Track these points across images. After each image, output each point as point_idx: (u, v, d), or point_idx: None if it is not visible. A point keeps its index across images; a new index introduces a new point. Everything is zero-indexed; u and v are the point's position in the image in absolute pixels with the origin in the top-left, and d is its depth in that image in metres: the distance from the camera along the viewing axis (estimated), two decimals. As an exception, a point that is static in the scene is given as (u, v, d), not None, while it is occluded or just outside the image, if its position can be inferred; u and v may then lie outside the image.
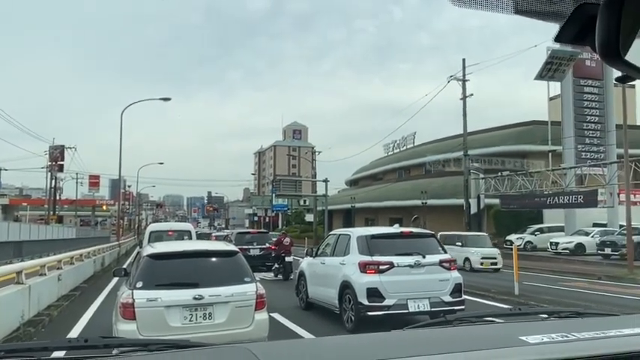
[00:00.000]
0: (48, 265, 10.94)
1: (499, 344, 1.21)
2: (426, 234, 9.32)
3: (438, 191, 40.08)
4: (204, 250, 6.38)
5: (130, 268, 6.66)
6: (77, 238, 37.56)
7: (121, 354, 1.38)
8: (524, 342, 1.21)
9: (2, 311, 7.00)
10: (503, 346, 1.19)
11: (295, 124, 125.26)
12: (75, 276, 13.97)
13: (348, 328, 7.98)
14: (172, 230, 16.37)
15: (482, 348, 1.17)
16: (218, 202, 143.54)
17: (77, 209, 64.63)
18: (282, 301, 10.67)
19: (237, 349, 1.23)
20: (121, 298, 5.43)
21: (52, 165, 48.14)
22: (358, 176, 67.81)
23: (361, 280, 7.90)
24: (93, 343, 1.40)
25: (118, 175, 32.76)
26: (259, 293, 5.78)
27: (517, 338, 1.23)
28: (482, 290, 12.55)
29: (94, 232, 56.35)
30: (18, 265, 9.26)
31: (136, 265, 6.09)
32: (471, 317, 1.71)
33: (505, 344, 1.20)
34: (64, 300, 11.24)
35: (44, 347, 1.42)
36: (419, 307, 7.84)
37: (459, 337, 1.42)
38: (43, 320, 8.77)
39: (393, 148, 59.38)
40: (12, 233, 28.32)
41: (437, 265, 8.27)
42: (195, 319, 5.44)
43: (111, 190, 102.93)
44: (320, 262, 9.80)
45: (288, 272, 16.31)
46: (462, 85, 30.17)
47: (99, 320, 8.99)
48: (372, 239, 8.47)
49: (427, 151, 50.13)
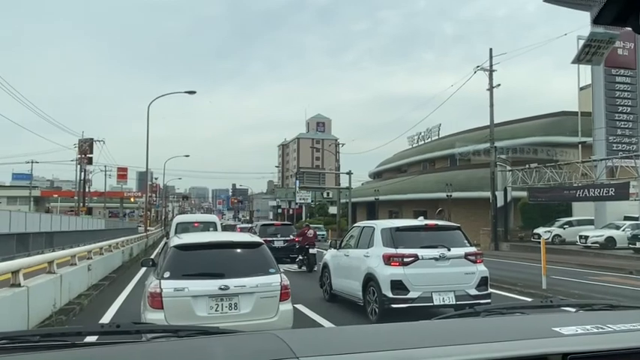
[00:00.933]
0: (78, 255, 11.22)
1: (532, 335, 1.19)
2: (451, 226, 9.22)
3: (464, 184, 39.54)
4: (230, 242, 6.44)
5: (158, 258, 6.78)
6: (106, 230, 38.46)
7: (152, 339, 1.40)
8: (558, 333, 1.18)
9: (35, 299, 7.20)
10: (537, 337, 1.16)
11: (319, 117, 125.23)
12: (104, 266, 14.30)
13: (372, 320, 7.97)
14: (198, 222, 16.61)
15: (515, 338, 1.15)
16: (242, 194, 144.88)
17: (106, 201, 66.11)
18: (306, 292, 10.73)
19: (266, 336, 1.23)
20: (149, 288, 5.53)
21: (82, 158, 49.29)
22: (382, 168, 67.44)
23: (385, 273, 7.87)
24: (125, 329, 1.43)
25: (145, 168, 33.30)
26: (284, 284, 5.81)
27: (550, 329, 1.21)
28: (509, 284, 12.37)
29: (122, 224, 57.61)
30: (50, 255, 9.53)
31: (163, 256, 6.19)
32: (501, 309, 1.69)
33: (538, 335, 1.18)
34: (94, 289, 11.52)
35: (78, 332, 1.45)
36: (444, 300, 7.78)
37: (490, 327, 1.40)
38: (74, 309, 9.00)
39: (418, 140, 58.83)
40: (44, 224, 29.19)
41: (462, 258, 8.18)
42: (221, 309, 5.50)
43: (138, 183, 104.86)
44: (344, 254, 9.80)
45: (312, 264, 16.38)
46: (488, 76, 29.65)
47: (127, 309, 9.20)
48: (397, 232, 8.42)
49: (452, 143, 49.50)
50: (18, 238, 19.99)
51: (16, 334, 1.40)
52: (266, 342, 1.20)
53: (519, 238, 31.11)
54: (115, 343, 1.33)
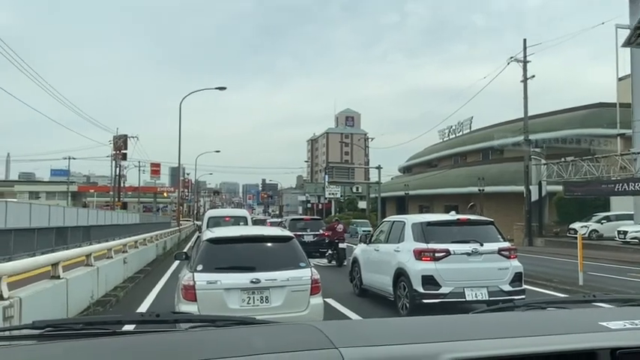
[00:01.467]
0: (114, 248, 11.52)
1: (578, 329, 1.15)
2: (484, 221, 9.06)
3: (496, 178, 38.79)
4: (261, 236, 6.50)
5: (191, 252, 6.89)
6: (140, 224, 39.33)
7: (190, 329, 1.42)
8: (605, 327, 1.14)
9: (74, 291, 7.44)
10: (583, 332, 1.12)
11: (348, 111, 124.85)
12: (139, 259, 14.65)
13: (403, 316, 7.91)
14: (229, 216, 16.82)
15: (560, 332, 1.11)
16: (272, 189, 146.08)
17: (140, 196, 67.66)
18: (336, 286, 10.74)
19: (304, 327, 1.23)
20: (183, 281, 5.63)
21: (116, 154, 50.57)
22: (412, 163, 66.80)
23: (416, 268, 7.80)
24: (164, 318, 1.46)
25: (178, 164, 33.94)
26: (314, 278, 5.83)
27: (596, 324, 1.17)
28: (544, 280, 12.09)
29: (155, 218, 58.85)
30: (87, 249, 9.82)
31: (196, 250, 6.29)
32: (541, 303, 1.64)
33: (584, 329, 1.14)
34: (130, 282, 11.82)
35: (118, 320, 1.49)
36: (476, 295, 7.66)
37: (532, 321, 1.36)
38: (111, 300, 9.25)
39: (449, 133, 57.92)
40: (81, 218, 30.11)
41: (496, 253, 8.03)
42: (253, 302, 5.56)
43: (171, 178, 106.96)
44: (374, 249, 9.76)
45: (342, 258, 16.39)
46: (522, 67, 28.94)
47: (162, 301, 9.40)
48: (428, 226, 8.33)
49: (485, 137, 48.58)
50: (57, 231, 20.68)
51: (59, 322, 1.44)
52: (304, 332, 1.20)
53: (554, 233, 30.34)
54: (155, 331, 1.36)
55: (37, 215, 23.00)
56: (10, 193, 65.21)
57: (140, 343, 1.22)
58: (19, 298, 5.21)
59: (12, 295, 5.19)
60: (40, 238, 18.18)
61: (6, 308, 4.83)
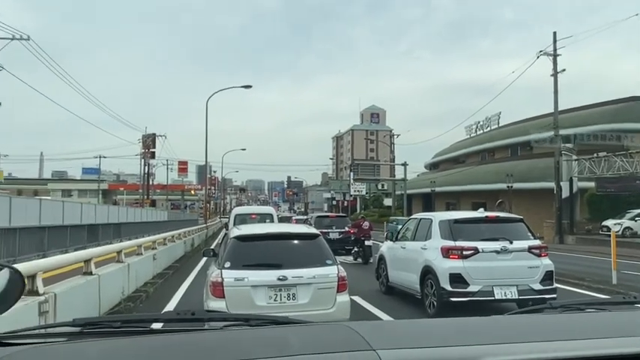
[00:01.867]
0: (144, 245, 11.74)
1: (619, 333, 1.10)
2: (513, 219, 8.89)
3: (525, 174, 38.00)
4: (287, 233, 6.52)
5: (218, 249, 6.97)
6: (169, 221, 40.01)
7: (225, 328, 1.43)
8: None
9: (106, 287, 7.61)
10: (626, 335, 1.08)
11: (373, 108, 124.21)
12: (168, 256, 14.90)
13: (431, 314, 7.84)
14: (255, 213, 16.94)
15: (601, 336, 1.07)
16: (297, 186, 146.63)
17: (168, 193, 68.87)
18: (362, 284, 10.71)
19: (339, 327, 1.23)
20: (211, 277, 5.70)
21: (145, 152, 51.53)
22: (438, 159, 66.02)
23: (444, 266, 7.71)
24: (198, 316, 1.48)
25: (205, 162, 34.38)
26: (341, 276, 5.82)
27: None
28: (576, 279, 11.80)
29: (183, 215, 59.82)
30: (118, 245, 10.04)
31: (223, 247, 6.36)
32: (579, 304, 1.59)
33: (627, 333, 1.09)
34: (159, 278, 12.03)
35: (155, 319, 1.52)
36: (506, 294, 7.53)
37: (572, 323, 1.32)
38: (141, 296, 9.43)
39: (476, 129, 57.02)
40: (111, 216, 30.83)
41: (526, 251, 7.87)
42: (280, 299, 5.59)
43: (198, 176, 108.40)
44: (400, 247, 9.69)
45: (368, 256, 16.33)
46: (552, 61, 28.26)
47: (190, 297, 9.54)
48: (455, 224, 8.21)
49: (513, 132, 47.64)
50: (89, 228, 21.20)
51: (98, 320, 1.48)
52: (340, 333, 1.19)
53: (586, 230, 29.55)
54: (191, 330, 1.37)
55: (70, 213, 23.65)
56: (44, 191, 67.22)
57: (177, 342, 1.24)
58: (54, 293, 5.35)
59: (47, 290, 5.34)
60: (72, 235, 18.68)
61: (41, 303, 4.96)
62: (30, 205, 20.30)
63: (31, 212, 19.52)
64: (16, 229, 14.62)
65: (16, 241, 14.21)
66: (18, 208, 18.31)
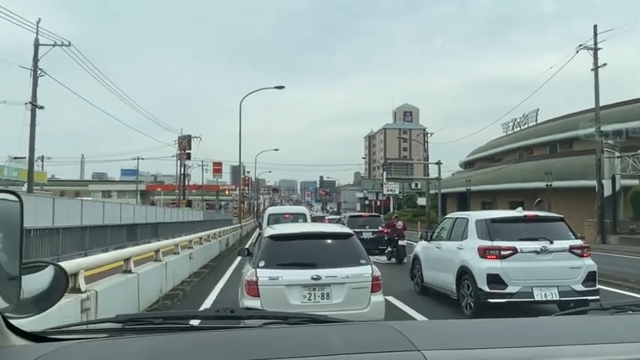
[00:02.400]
0: (181, 244, 11.98)
1: None
2: (554, 218, 8.62)
3: (565, 172, 36.87)
4: (321, 232, 6.51)
5: (253, 248, 7.03)
6: (204, 221, 40.73)
7: (264, 326, 1.43)
8: None
9: (145, 285, 7.79)
10: None
11: (406, 106, 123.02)
12: (204, 255, 15.15)
13: (468, 315, 7.69)
14: (289, 213, 17.03)
15: None
16: (330, 186, 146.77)
17: (203, 194, 70.03)
18: (396, 284, 10.61)
19: (381, 326, 1.21)
20: (246, 276, 5.75)
21: (181, 153, 52.62)
22: (474, 158, 64.83)
23: (481, 266, 7.55)
24: (238, 314, 1.49)
25: (238, 162, 34.85)
26: (375, 275, 5.78)
27: None
28: (619, 280, 11.36)
29: (218, 215, 60.76)
30: (156, 244, 10.26)
31: (258, 246, 6.41)
32: (631, 306, 1.51)
33: None
34: (195, 276, 12.24)
35: (195, 315, 1.54)
36: (546, 295, 7.31)
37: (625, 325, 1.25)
38: (178, 294, 9.61)
39: (513, 126, 55.76)
40: (149, 216, 31.58)
41: (567, 251, 7.63)
42: (314, 298, 5.59)
43: (232, 176, 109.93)
44: (435, 247, 9.55)
45: (402, 256, 16.18)
46: (593, 55, 27.32)
47: (226, 295, 9.66)
48: (493, 223, 8.03)
49: (552, 129, 46.32)
50: (128, 228, 21.79)
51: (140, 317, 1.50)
52: (382, 333, 1.17)
53: (630, 230, 28.42)
54: (230, 327, 1.38)
55: (110, 213, 24.36)
56: (85, 192, 69.50)
57: (217, 339, 1.25)
58: (95, 291, 5.51)
59: (89, 288, 5.50)
60: (112, 235, 19.24)
61: (83, 300, 5.12)
62: (72, 206, 21.02)
63: (73, 213, 20.21)
64: (59, 229, 15.15)
65: (59, 241, 14.73)
66: (61, 209, 18.98)
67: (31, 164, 25.09)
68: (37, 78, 23.24)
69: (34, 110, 23.45)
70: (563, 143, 45.06)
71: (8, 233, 1.10)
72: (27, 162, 25.91)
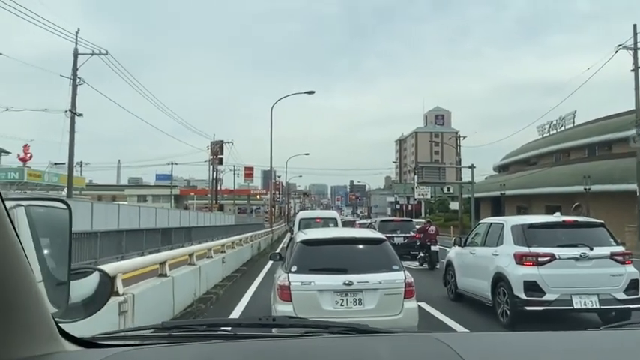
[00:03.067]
0: (214, 248, 12.13)
1: None
2: (594, 223, 8.35)
3: (605, 176, 35.66)
4: (353, 237, 6.49)
5: (284, 252, 7.06)
6: (236, 225, 41.18)
7: (305, 335, 1.44)
8: None
9: (179, 288, 7.92)
10: None
11: (437, 109, 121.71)
12: (236, 259, 15.31)
13: (504, 323, 7.52)
14: (320, 218, 17.06)
15: None
16: (360, 190, 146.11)
17: (235, 198, 70.90)
18: (429, 290, 10.47)
19: (426, 338, 1.19)
20: (278, 281, 5.79)
21: (213, 159, 53.47)
22: (508, 161, 63.47)
23: (517, 273, 7.37)
24: (280, 322, 1.50)
25: (270, 167, 35.11)
26: (408, 281, 5.71)
27: None
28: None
29: (249, 219, 61.37)
30: (190, 248, 10.43)
31: (290, 250, 6.44)
32: None
33: None
34: (228, 280, 12.37)
35: (238, 323, 1.56)
36: (585, 303, 7.07)
37: None
38: (211, 298, 9.74)
39: (549, 129, 54.36)
40: (183, 220, 32.18)
41: (607, 258, 7.37)
42: (346, 303, 5.57)
43: (263, 181, 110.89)
44: (469, 252, 9.38)
45: (434, 261, 15.97)
46: (632, 55, 26.43)
47: (258, 299, 9.74)
48: (530, 229, 7.83)
49: (590, 132, 44.93)
50: (162, 232, 22.26)
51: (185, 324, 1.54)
52: (429, 345, 1.15)
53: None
54: (273, 336, 1.39)
55: (145, 217, 24.96)
56: (121, 196, 71.35)
57: (262, 348, 1.26)
58: (132, 294, 5.64)
59: (126, 291, 5.63)
60: (148, 238, 19.69)
61: (121, 303, 5.24)
62: (109, 211, 21.63)
63: (110, 217, 20.79)
64: (97, 233, 15.60)
65: (97, 244, 15.16)
66: (99, 213, 19.55)
67: (71, 170, 25.93)
68: (77, 86, 24.05)
69: (73, 118, 24.25)
70: (602, 146, 43.60)
71: (59, 240, 1.15)
72: (67, 168, 26.78)
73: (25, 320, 0.92)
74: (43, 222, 1.13)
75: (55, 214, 1.17)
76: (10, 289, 0.87)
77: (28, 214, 1.08)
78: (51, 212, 1.18)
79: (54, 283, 1.12)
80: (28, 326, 0.94)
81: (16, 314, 0.89)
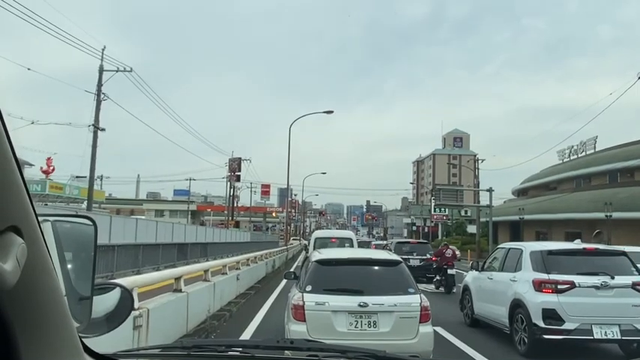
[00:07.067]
0: (228, 265, 12.14)
1: None
2: (615, 252, 8.17)
3: (627, 203, 34.96)
4: (369, 259, 6.44)
5: (299, 271, 7.04)
6: (251, 242, 41.28)
7: (324, 358, 1.43)
8: None
9: (194, 304, 7.93)
10: None
11: (456, 132, 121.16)
12: (250, 276, 15.28)
13: (521, 351, 7.35)
14: (335, 237, 16.97)
15: None
16: (376, 210, 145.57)
17: (251, 215, 71.10)
18: (445, 315, 10.31)
19: None
20: (293, 300, 5.75)
21: (231, 175, 53.89)
22: (527, 185, 62.69)
23: (536, 300, 7.22)
24: (297, 345, 1.50)
25: (287, 185, 35.21)
26: (424, 305, 5.63)
27: None
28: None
29: (264, 237, 61.42)
30: (205, 265, 10.46)
31: (304, 270, 6.41)
32: None
33: None
34: (242, 298, 12.34)
35: (256, 345, 1.56)
36: (606, 334, 6.88)
37: None
38: (225, 315, 9.71)
39: (570, 154, 53.73)
40: (199, 235, 32.34)
41: (629, 287, 7.18)
42: (360, 325, 5.50)
43: (279, 199, 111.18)
44: (487, 277, 9.24)
45: (451, 285, 15.73)
46: (656, 80, 26.06)
47: (271, 318, 9.68)
48: (549, 255, 7.69)
49: (612, 157, 44.24)
50: (178, 247, 22.39)
51: (204, 343, 1.54)
52: None
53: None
54: (290, 359, 1.39)
55: (162, 232, 25.15)
56: (140, 210, 72.10)
57: None
58: (147, 309, 5.65)
59: (142, 305, 5.66)
60: (164, 253, 19.81)
61: (136, 318, 5.26)
62: (127, 224, 21.86)
63: (128, 230, 21.01)
64: (114, 246, 15.75)
65: (114, 257, 15.30)
66: (117, 226, 19.78)
67: (91, 184, 26.33)
68: (100, 102, 24.58)
69: (95, 132, 24.71)
70: (624, 172, 42.89)
71: (83, 256, 1.17)
72: (87, 181, 27.20)
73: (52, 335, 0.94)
74: (68, 237, 1.15)
75: (80, 229, 1.20)
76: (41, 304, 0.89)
77: (54, 229, 1.11)
78: (76, 227, 1.21)
79: (76, 298, 1.14)
80: (55, 341, 0.95)
81: (45, 329, 0.91)
